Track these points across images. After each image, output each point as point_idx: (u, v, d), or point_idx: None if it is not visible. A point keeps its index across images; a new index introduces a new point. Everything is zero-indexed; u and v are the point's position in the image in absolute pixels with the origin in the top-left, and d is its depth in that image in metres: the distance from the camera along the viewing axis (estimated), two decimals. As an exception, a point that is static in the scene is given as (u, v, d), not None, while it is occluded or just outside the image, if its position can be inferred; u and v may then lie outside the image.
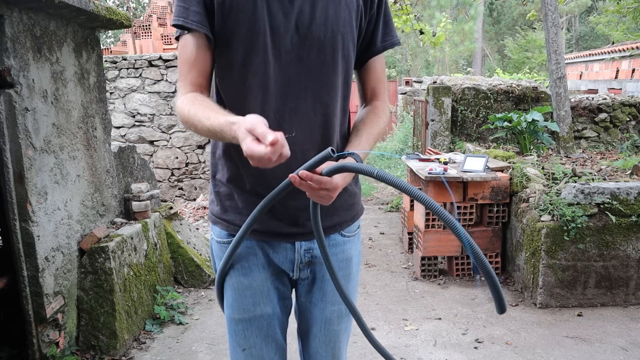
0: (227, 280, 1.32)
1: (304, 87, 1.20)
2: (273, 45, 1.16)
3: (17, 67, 2.24)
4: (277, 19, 1.16)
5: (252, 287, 1.30)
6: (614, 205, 3.13)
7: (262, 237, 1.28)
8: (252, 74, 1.17)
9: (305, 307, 1.39)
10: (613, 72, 10.32)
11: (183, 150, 6.86)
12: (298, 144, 1.19)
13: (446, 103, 5.95)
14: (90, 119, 2.88)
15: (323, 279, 1.34)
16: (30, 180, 2.30)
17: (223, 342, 2.87)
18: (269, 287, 1.31)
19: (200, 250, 3.88)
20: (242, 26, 1.15)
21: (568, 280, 3.21)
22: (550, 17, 5.54)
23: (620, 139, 6.03)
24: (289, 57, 1.18)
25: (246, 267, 1.30)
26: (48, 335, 2.44)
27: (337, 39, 1.21)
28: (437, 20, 17.39)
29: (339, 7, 1.21)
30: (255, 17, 1.15)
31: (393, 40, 1.34)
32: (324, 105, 1.22)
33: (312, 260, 1.32)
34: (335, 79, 1.23)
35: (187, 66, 1.19)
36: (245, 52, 1.16)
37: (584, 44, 23.75)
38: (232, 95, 1.21)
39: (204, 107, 1.11)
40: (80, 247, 2.68)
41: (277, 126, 1.14)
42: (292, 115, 1.19)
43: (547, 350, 2.72)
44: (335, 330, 1.40)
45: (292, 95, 1.19)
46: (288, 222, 1.26)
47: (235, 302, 1.32)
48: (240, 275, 1.30)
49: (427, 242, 3.73)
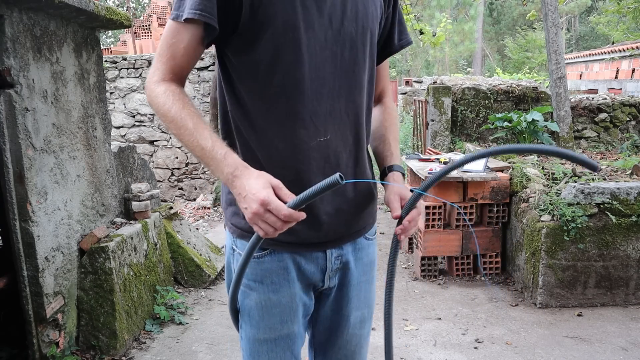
0: (249, 297, 1.22)
1: (337, 87, 1.13)
2: (307, 42, 1.08)
3: (17, 67, 2.24)
4: (311, 12, 1.08)
5: (281, 305, 1.21)
6: (614, 205, 3.13)
7: (295, 248, 1.20)
8: (284, 73, 1.08)
9: (327, 316, 1.33)
10: (613, 72, 10.32)
11: (183, 150, 6.86)
12: (332, 147, 1.14)
13: (446, 103, 5.95)
14: (90, 119, 2.88)
15: (349, 284, 1.29)
16: (30, 180, 2.30)
17: (223, 342, 2.87)
18: (297, 303, 1.24)
19: (200, 250, 3.88)
20: (274, 21, 1.05)
21: (568, 280, 3.21)
22: (550, 17, 5.54)
23: (620, 139, 6.02)
24: (324, 55, 1.10)
25: (276, 282, 1.20)
26: (48, 335, 2.43)
27: (366, 35, 1.16)
28: (437, 20, 17.39)
29: (367, 2, 1.16)
30: (288, 11, 1.06)
31: (408, 39, 1.32)
32: (356, 105, 1.17)
33: (341, 266, 1.27)
34: (364, 77, 1.18)
35: (172, 51, 1.08)
36: (277, 49, 1.07)
37: (584, 44, 23.75)
38: (258, 99, 1.11)
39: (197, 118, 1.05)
40: (80, 247, 2.68)
41: (313, 130, 1.11)
42: (327, 118, 1.13)
43: (547, 350, 2.72)
44: (358, 335, 1.36)
45: (327, 96, 1.12)
46: (320, 231, 1.19)
47: (262, 321, 1.22)
48: (270, 292, 1.21)
49: (427, 242, 3.73)
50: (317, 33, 1.09)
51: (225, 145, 1.03)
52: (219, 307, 3.37)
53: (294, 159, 1.12)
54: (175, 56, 1.08)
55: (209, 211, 6.40)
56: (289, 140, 1.11)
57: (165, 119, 1.06)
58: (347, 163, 1.19)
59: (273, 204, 0.93)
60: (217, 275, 3.84)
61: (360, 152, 1.22)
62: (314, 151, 1.12)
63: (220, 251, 4.23)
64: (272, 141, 1.12)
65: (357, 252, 1.28)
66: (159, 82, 1.08)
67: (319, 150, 1.13)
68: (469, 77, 8.63)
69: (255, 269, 1.19)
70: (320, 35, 1.09)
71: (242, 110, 1.13)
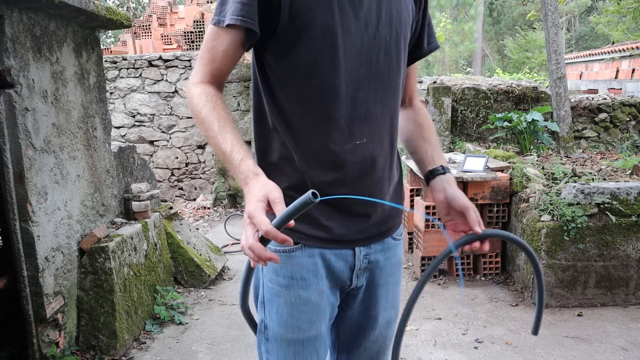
0: (279, 294, 1.19)
1: (373, 91, 1.14)
2: (344, 47, 1.09)
3: (17, 67, 2.24)
4: (348, 17, 1.09)
5: (311, 302, 1.19)
6: (614, 205, 3.13)
7: (325, 244, 1.18)
8: (321, 77, 1.09)
9: (354, 317, 1.31)
10: (613, 72, 10.32)
11: (183, 150, 6.86)
12: (368, 151, 1.15)
13: (446, 103, 5.95)
14: (90, 119, 2.88)
15: (377, 285, 1.28)
16: (30, 180, 2.30)
17: (223, 342, 2.87)
18: (325, 302, 1.21)
19: (200, 250, 3.88)
20: (313, 26, 1.06)
21: (568, 280, 3.21)
22: (550, 17, 5.54)
23: (620, 139, 6.03)
24: (360, 60, 1.12)
25: (306, 278, 1.18)
26: (48, 335, 2.43)
27: (400, 40, 1.17)
28: (437, 20, 17.40)
29: (400, 7, 1.17)
30: (326, 16, 1.07)
31: (436, 43, 1.33)
32: (391, 109, 1.19)
33: (368, 266, 1.25)
34: (399, 82, 1.20)
35: (212, 54, 1.11)
36: (315, 54, 1.08)
37: (584, 44, 23.74)
38: (295, 102, 1.13)
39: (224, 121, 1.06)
40: (80, 247, 2.68)
41: (348, 133, 1.12)
42: (363, 122, 1.14)
43: (547, 350, 2.72)
44: (384, 335, 1.35)
45: (363, 100, 1.13)
46: (352, 228, 1.18)
47: (291, 319, 1.18)
48: (300, 288, 1.18)
49: (427, 242, 3.73)
50: (354, 38, 1.10)
51: (243, 151, 1.03)
52: (219, 307, 3.37)
53: (330, 161, 1.13)
54: (214, 59, 1.11)
55: (209, 211, 6.40)
56: (324, 143, 1.12)
57: (197, 119, 1.09)
58: (383, 166, 1.20)
59: (255, 218, 0.91)
60: (217, 275, 3.84)
61: (394, 155, 1.25)
62: (349, 154, 1.13)
63: (220, 251, 4.23)
64: (308, 143, 1.13)
65: (385, 251, 1.28)
66: (197, 83, 1.12)
67: (354, 153, 1.14)
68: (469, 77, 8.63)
69: (286, 264, 1.17)
70: (356, 40, 1.11)
71: (280, 113, 1.14)
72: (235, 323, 3.10)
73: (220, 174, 6.53)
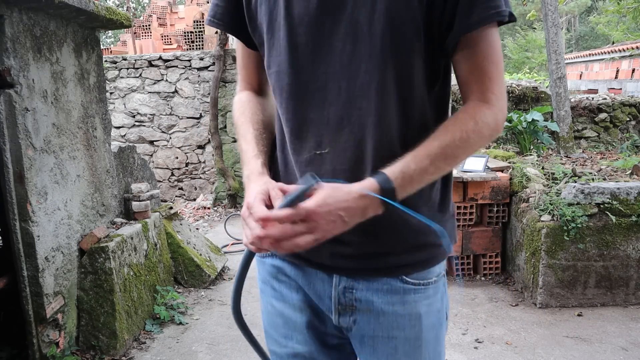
0: (261, 297, 1.13)
1: (336, 89, 0.91)
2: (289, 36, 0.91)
3: (17, 67, 2.24)
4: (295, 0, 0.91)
5: (284, 316, 1.06)
6: (614, 205, 3.13)
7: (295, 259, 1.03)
8: (273, 75, 0.97)
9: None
10: (613, 72, 10.32)
11: (183, 150, 6.86)
12: (328, 163, 0.93)
13: (446, 103, 5.94)
14: (90, 119, 2.88)
15: (374, 337, 1.01)
16: (30, 180, 2.30)
17: (223, 342, 2.87)
18: (305, 323, 1.04)
19: (200, 250, 3.88)
20: (262, 20, 0.96)
21: (568, 280, 3.21)
22: (550, 17, 5.54)
23: (620, 139, 6.03)
24: (313, 50, 0.90)
25: (277, 289, 1.07)
26: (48, 335, 2.44)
27: (380, 20, 0.86)
28: (437, 20, 17.34)
29: None
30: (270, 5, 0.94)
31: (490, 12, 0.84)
32: (361, 112, 0.91)
33: (355, 305, 1.00)
34: (378, 77, 0.89)
35: (239, 63, 1.12)
36: (269, 49, 0.96)
37: (584, 44, 23.74)
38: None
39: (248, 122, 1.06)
40: (80, 247, 2.68)
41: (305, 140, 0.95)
42: (320, 127, 0.93)
43: (547, 350, 2.72)
44: None
45: (319, 100, 0.92)
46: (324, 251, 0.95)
47: (269, 327, 1.11)
48: (272, 297, 1.08)
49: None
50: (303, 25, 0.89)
51: (258, 150, 1.01)
52: (219, 307, 3.37)
53: (287, 173, 1.01)
54: (240, 66, 1.13)
55: (209, 211, 6.40)
56: (283, 153, 1.01)
57: (234, 124, 1.10)
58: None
59: (254, 208, 0.85)
60: (217, 275, 3.84)
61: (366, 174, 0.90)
62: (306, 165, 0.95)
63: (220, 251, 4.23)
64: (274, 152, 1.05)
65: (387, 295, 0.99)
66: (238, 92, 1.15)
67: (312, 165, 0.95)
68: (469, 77, 8.61)
69: (260, 270, 1.11)
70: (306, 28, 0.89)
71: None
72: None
73: (220, 174, 6.53)
